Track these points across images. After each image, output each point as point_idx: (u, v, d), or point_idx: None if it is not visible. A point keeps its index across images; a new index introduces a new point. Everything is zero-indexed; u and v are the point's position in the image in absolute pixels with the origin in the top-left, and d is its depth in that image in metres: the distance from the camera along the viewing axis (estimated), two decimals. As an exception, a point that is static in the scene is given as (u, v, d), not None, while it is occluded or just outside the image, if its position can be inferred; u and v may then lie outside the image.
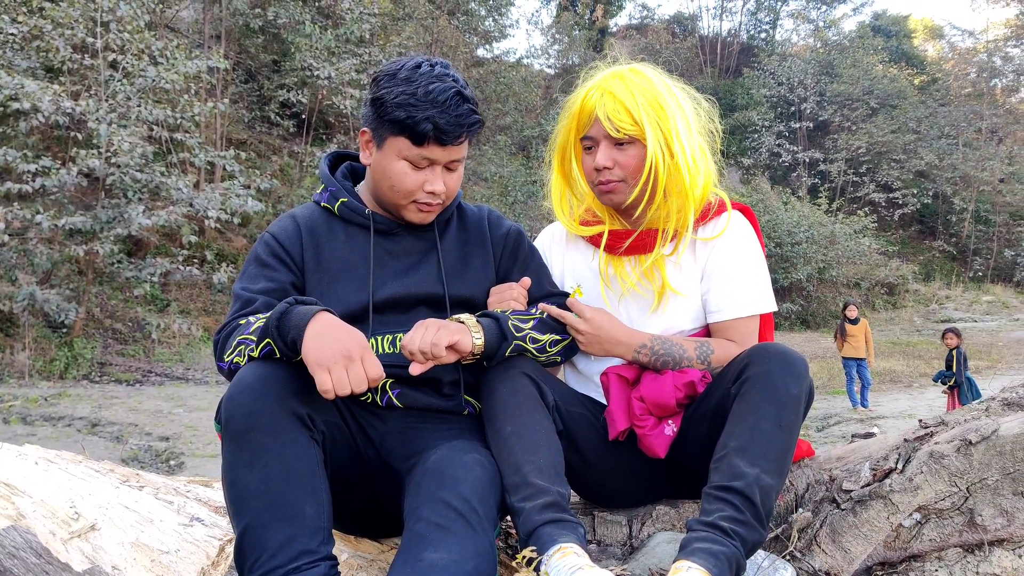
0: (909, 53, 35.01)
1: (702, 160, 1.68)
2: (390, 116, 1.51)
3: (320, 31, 16.31)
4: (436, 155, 1.54)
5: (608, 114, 1.63)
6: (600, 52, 27.26)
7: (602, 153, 1.66)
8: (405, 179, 1.55)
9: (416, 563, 1.25)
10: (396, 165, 1.55)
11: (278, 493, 1.28)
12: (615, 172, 1.67)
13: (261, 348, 1.38)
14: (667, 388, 1.60)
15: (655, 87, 1.65)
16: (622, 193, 1.69)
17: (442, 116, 1.50)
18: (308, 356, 1.31)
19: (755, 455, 1.39)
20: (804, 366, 1.49)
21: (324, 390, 1.28)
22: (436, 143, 1.52)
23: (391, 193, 1.58)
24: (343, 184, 1.68)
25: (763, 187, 24.73)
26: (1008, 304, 24.78)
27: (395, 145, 1.54)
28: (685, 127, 1.65)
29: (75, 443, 6.77)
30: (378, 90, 1.54)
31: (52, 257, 10.83)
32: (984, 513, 1.60)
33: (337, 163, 1.78)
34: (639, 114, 1.62)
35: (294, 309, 1.36)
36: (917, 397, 11.16)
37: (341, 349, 1.30)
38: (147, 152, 11.19)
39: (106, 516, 1.56)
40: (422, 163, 1.55)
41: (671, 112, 1.64)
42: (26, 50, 11.42)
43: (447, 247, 1.69)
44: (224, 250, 14.73)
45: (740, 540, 1.33)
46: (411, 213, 1.61)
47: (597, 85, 1.68)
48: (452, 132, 1.52)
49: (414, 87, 1.50)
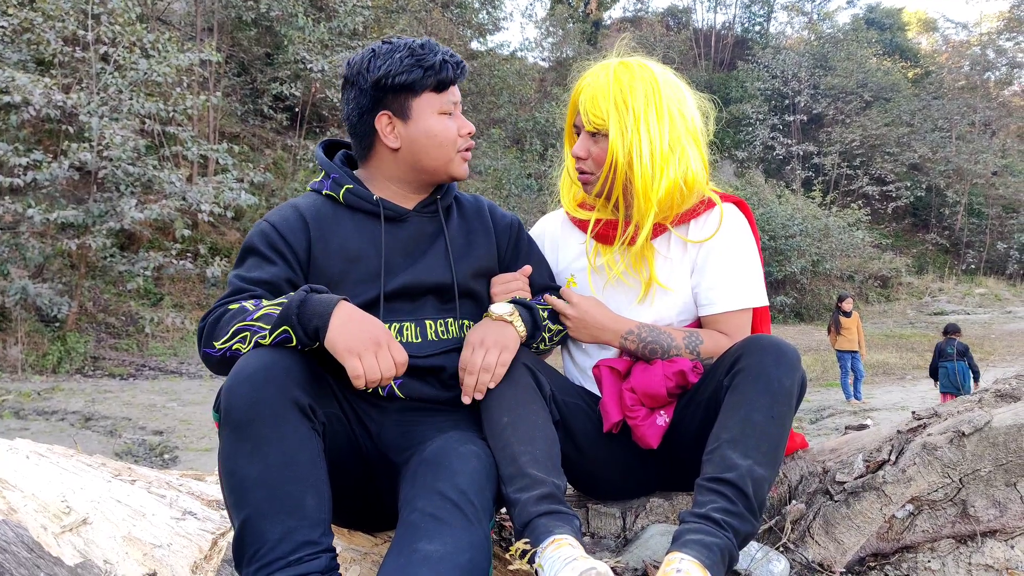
0: (903, 46, 35.04)
1: (671, 163, 1.64)
2: (408, 80, 1.55)
3: (313, 24, 16.24)
4: (455, 96, 1.62)
5: (585, 104, 1.67)
6: (594, 45, 27.22)
7: (579, 143, 1.70)
8: (448, 131, 1.61)
9: (410, 554, 1.24)
10: (435, 122, 1.60)
11: (279, 484, 1.26)
12: (587, 163, 1.70)
13: (276, 335, 1.37)
14: (657, 378, 1.60)
15: (634, 83, 1.64)
16: (591, 184, 1.72)
17: (446, 54, 1.59)
18: (336, 343, 1.33)
19: (748, 447, 1.39)
20: (796, 358, 1.49)
21: (356, 375, 1.31)
22: (453, 83, 1.61)
23: (440, 152, 1.61)
24: (345, 171, 1.66)
25: (757, 180, 24.75)
26: (1000, 297, 24.89)
27: (423, 104, 1.58)
28: (657, 125, 1.63)
29: (68, 437, 6.75)
30: (375, 72, 1.56)
31: (44, 251, 10.79)
32: (977, 504, 1.60)
33: (332, 151, 1.76)
34: (608, 108, 1.64)
35: (312, 297, 1.37)
36: (910, 389, 11.21)
37: (370, 336, 1.33)
38: (139, 145, 11.12)
39: (98, 510, 1.55)
40: (451, 108, 1.61)
41: (639, 108, 1.63)
42: (17, 43, 11.35)
43: (452, 233, 1.69)
44: (217, 244, 14.68)
45: (733, 531, 1.33)
46: (458, 165, 1.65)
47: (586, 76, 1.71)
48: (459, 66, 1.61)
49: (408, 49, 1.57)
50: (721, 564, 1.29)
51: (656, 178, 1.63)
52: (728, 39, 35.50)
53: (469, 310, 1.67)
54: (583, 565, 1.22)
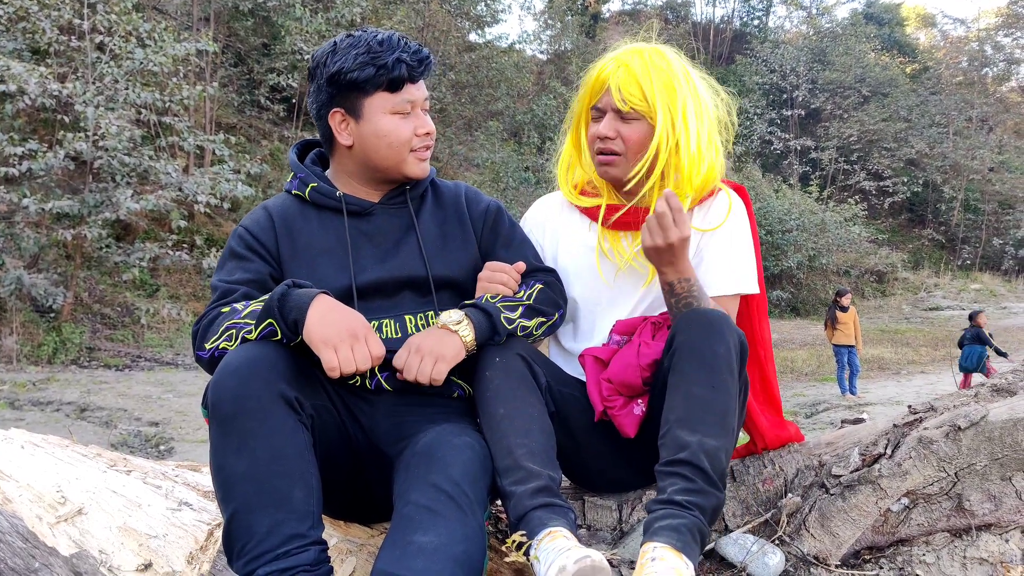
0: (901, 41, 35.05)
1: (709, 150, 1.67)
2: (360, 78, 1.52)
3: (310, 14, 16.16)
4: (413, 95, 1.57)
5: (620, 85, 1.64)
6: (593, 38, 27.15)
7: (606, 123, 1.67)
8: (400, 131, 1.57)
9: (405, 546, 1.24)
10: (385, 121, 1.56)
11: (266, 478, 1.27)
12: (616, 143, 1.67)
13: (261, 329, 1.39)
14: (632, 368, 1.60)
15: (672, 69, 1.65)
16: (618, 167, 1.69)
17: (404, 53, 1.53)
18: (312, 335, 1.33)
19: (694, 422, 1.39)
20: (724, 323, 1.47)
21: (330, 368, 1.31)
22: (410, 82, 1.55)
23: (391, 152, 1.58)
24: (312, 170, 1.67)
25: (754, 175, 24.75)
26: (996, 292, 24.98)
27: (375, 103, 1.55)
28: (696, 115, 1.65)
29: (64, 428, 6.74)
30: (330, 67, 1.54)
31: (39, 241, 10.75)
32: (972, 498, 1.61)
33: (306, 152, 1.77)
34: (651, 92, 1.62)
35: (293, 291, 1.38)
36: (905, 384, 11.25)
37: (347, 328, 1.34)
38: (135, 135, 11.08)
39: (93, 500, 1.55)
40: (406, 108, 1.57)
41: (683, 97, 1.64)
42: (12, 31, 11.28)
43: (425, 226, 1.67)
44: (214, 235, 14.64)
45: (699, 509, 1.34)
46: (412, 166, 1.61)
47: (615, 57, 1.68)
48: (418, 66, 1.56)
49: (365, 45, 1.53)
50: (694, 543, 1.30)
51: (699, 164, 1.65)
52: (726, 33, 35.44)
53: (450, 301, 1.64)
54: (577, 554, 1.23)
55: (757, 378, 1.78)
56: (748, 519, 1.73)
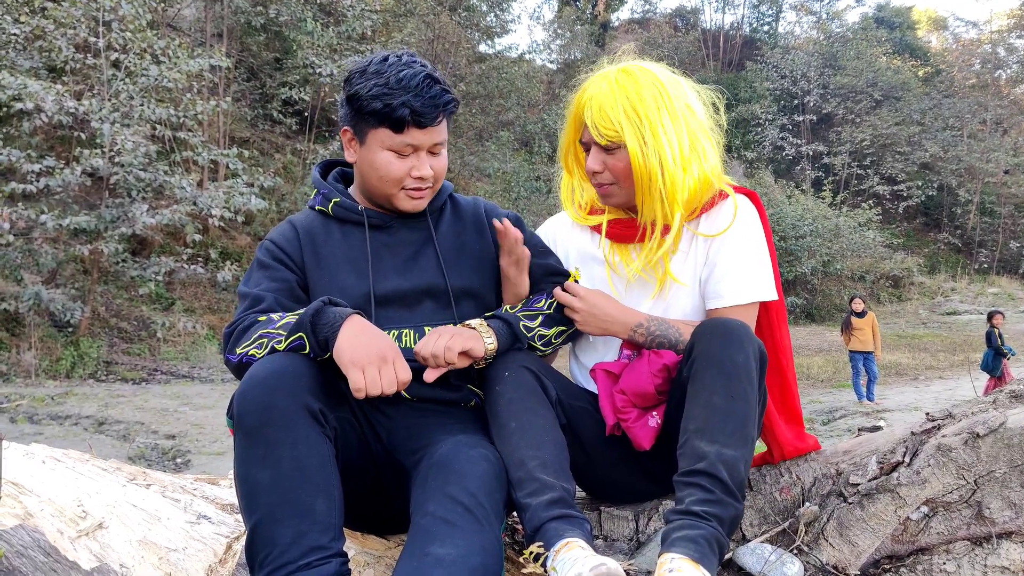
0: (913, 45, 34.87)
1: (694, 157, 1.65)
2: (368, 109, 1.53)
3: (322, 28, 16.30)
4: (417, 140, 1.56)
5: (594, 121, 1.63)
6: (602, 47, 27.20)
7: (592, 157, 1.68)
8: (391, 168, 1.57)
9: (422, 558, 1.24)
10: (381, 156, 1.57)
11: (289, 489, 1.28)
12: (606, 176, 1.68)
13: (291, 341, 1.41)
14: (644, 376, 1.60)
15: (640, 89, 1.62)
16: (616, 196, 1.70)
17: (416, 99, 1.52)
18: (342, 355, 1.35)
19: (713, 432, 1.39)
20: (743, 332, 1.47)
21: (357, 389, 1.33)
22: (415, 127, 1.54)
23: (380, 184, 1.60)
24: (334, 186, 1.71)
25: (767, 181, 24.68)
26: (1014, 296, 24.70)
27: (377, 137, 1.56)
28: (673, 127, 1.62)
29: (82, 442, 6.79)
30: (352, 87, 1.56)
31: (57, 257, 10.88)
32: (992, 506, 1.59)
33: (329, 170, 1.81)
34: (619, 119, 1.61)
35: (328, 309, 1.41)
36: (923, 390, 11.14)
37: (376, 350, 1.36)
38: (150, 151, 11.21)
39: (113, 514, 1.56)
40: (406, 150, 1.57)
41: (651, 114, 1.61)
42: (29, 50, 11.45)
43: (443, 237, 1.70)
44: (228, 248, 14.75)
45: (716, 520, 1.33)
46: (402, 201, 1.62)
47: (587, 87, 1.68)
48: (428, 114, 1.54)
49: (385, 77, 1.53)
50: (711, 553, 1.30)
51: (682, 180, 1.64)
52: (736, 39, 35.40)
53: (470, 311, 1.66)
54: (593, 561, 1.23)
55: (777, 387, 1.76)
56: (765, 528, 1.72)
